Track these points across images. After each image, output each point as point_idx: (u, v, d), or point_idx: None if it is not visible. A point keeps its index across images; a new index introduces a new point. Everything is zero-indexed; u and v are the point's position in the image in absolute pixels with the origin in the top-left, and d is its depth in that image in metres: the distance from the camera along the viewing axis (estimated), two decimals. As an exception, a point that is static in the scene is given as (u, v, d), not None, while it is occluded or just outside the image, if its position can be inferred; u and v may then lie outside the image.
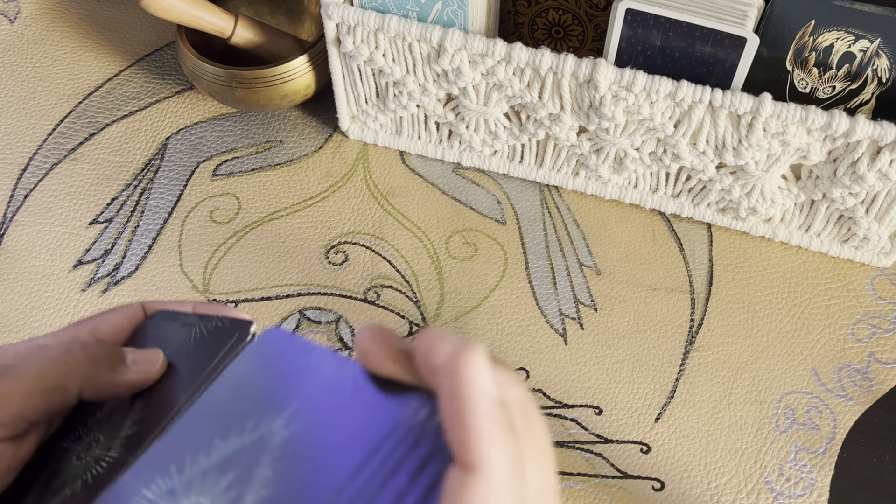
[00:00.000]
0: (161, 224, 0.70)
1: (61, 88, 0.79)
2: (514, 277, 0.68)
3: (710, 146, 0.62)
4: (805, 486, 0.59)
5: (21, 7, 0.85)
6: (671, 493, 0.59)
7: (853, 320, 0.66)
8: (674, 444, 0.61)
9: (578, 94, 0.62)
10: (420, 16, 0.63)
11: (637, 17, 0.58)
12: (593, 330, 0.65)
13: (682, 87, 0.58)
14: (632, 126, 0.63)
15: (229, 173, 0.73)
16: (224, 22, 0.69)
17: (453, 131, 0.70)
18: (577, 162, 0.69)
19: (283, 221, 0.70)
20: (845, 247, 0.68)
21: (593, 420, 0.61)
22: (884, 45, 0.57)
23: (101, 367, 0.31)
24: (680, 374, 0.63)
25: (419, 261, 0.68)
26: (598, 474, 0.59)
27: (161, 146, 0.75)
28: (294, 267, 0.68)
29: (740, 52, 0.57)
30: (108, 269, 0.68)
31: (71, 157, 0.74)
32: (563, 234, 0.70)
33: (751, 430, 0.61)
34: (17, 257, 0.68)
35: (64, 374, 0.30)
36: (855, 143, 0.58)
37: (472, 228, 0.70)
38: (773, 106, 0.57)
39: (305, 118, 0.76)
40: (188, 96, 0.78)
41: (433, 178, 0.73)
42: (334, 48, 0.66)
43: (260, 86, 0.70)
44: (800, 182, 0.64)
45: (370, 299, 0.66)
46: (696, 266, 0.68)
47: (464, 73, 0.63)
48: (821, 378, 0.63)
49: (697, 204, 0.69)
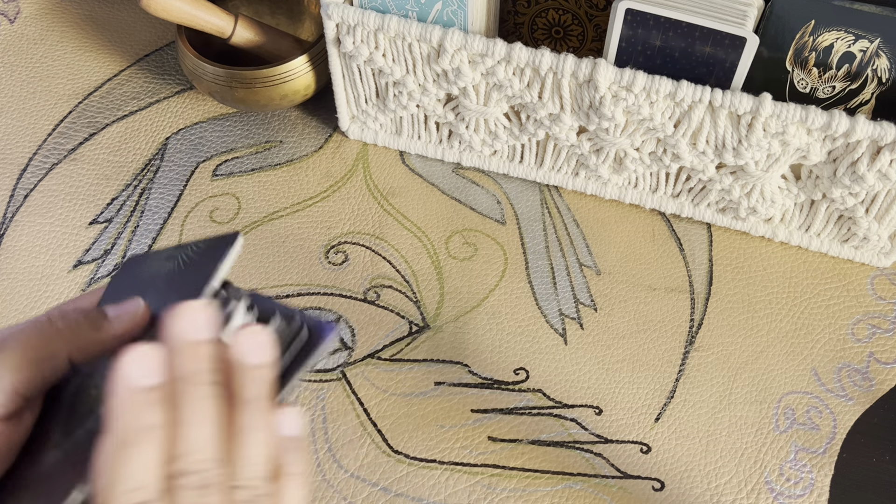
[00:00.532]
0: (161, 224, 0.70)
1: (61, 88, 0.79)
2: (513, 277, 0.68)
3: (710, 146, 0.62)
4: (805, 486, 0.59)
5: (21, 7, 0.85)
6: (671, 493, 0.59)
7: (853, 320, 0.66)
8: (674, 444, 0.61)
9: (578, 94, 0.62)
10: (420, 16, 0.63)
11: (637, 17, 0.58)
12: (593, 330, 0.65)
13: (681, 87, 0.58)
14: (632, 126, 0.63)
15: (229, 173, 0.73)
16: (224, 22, 0.69)
17: (453, 131, 0.70)
18: (577, 162, 0.69)
19: (283, 221, 0.70)
20: (845, 247, 0.68)
21: (593, 420, 0.61)
22: (884, 45, 0.57)
23: (83, 328, 0.32)
24: (680, 374, 0.63)
25: (419, 261, 0.68)
26: (598, 474, 0.59)
27: (161, 146, 0.75)
28: (294, 267, 0.68)
29: (740, 52, 0.57)
30: (108, 269, 0.68)
31: (71, 157, 0.74)
32: (563, 234, 0.70)
33: (751, 430, 0.61)
34: (17, 257, 0.68)
35: (49, 341, 0.31)
36: (855, 143, 0.58)
37: (472, 228, 0.70)
38: (772, 106, 0.57)
39: (305, 118, 0.76)
40: (188, 96, 0.78)
41: (433, 178, 0.73)
42: (334, 48, 0.66)
43: (260, 86, 0.70)
44: (800, 182, 0.64)
45: (370, 299, 0.66)
46: (696, 266, 0.68)
47: (464, 73, 0.63)
48: (821, 378, 0.63)
49: (697, 204, 0.69)
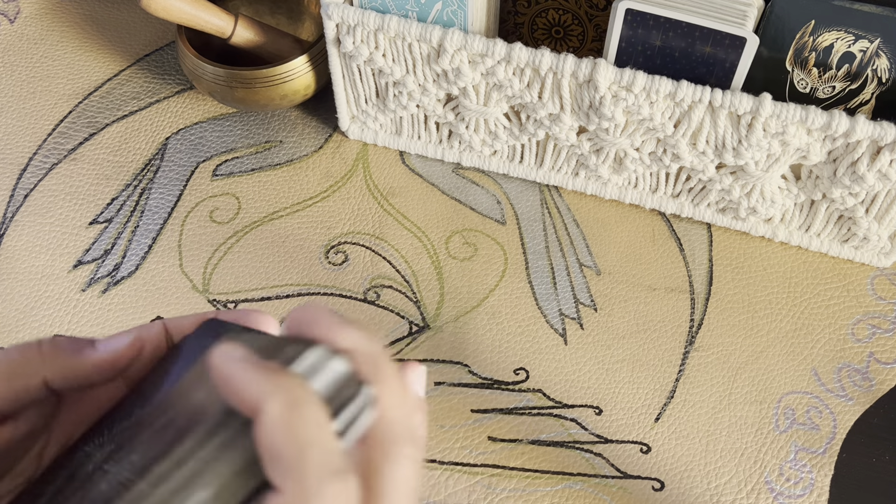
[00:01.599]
0: (161, 224, 0.70)
1: (61, 88, 0.79)
2: (514, 277, 0.68)
3: (710, 146, 0.62)
4: (805, 486, 0.59)
5: (21, 7, 0.85)
6: (671, 493, 0.59)
7: (853, 320, 0.66)
8: (674, 444, 0.61)
9: (578, 94, 0.62)
10: (420, 16, 0.63)
11: (637, 17, 0.58)
12: (593, 330, 0.65)
13: (681, 87, 0.58)
14: (632, 126, 0.63)
15: (229, 173, 0.73)
16: (224, 22, 0.69)
17: (453, 131, 0.70)
18: (577, 162, 0.69)
19: (283, 221, 0.70)
20: (845, 247, 0.68)
21: (593, 420, 0.61)
22: (884, 45, 0.57)
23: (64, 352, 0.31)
24: (680, 374, 0.63)
25: (419, 261, 0.68)
26: (598, 474, 0.59)
27: (161, 146, 0.75)
28: (294, 267, 0.68)
29: (740, 52, 0.57)
30: (108, 269, 0.68)
31: (71, 157, 0.74)
32: (563, 234, 0.70)
33: (751, 430, 0.61)
34: (17, 257, 0.68)
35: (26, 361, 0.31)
36: (855, 143, 0.58)
37: (472, 228, 0.70)
38: (772, 106, 0.57)
39: (305, 118, 0.76)
40: (188, 96, 0.78)
41: (433, 178, 0.73)
42: (334, 48, 0.66)
43: (260, 86, 0.70)
44: (800, 182, 0.64)
45: (370, 299, 0.66)
46: (696, 266, 0.68)
47: (464, 73, 0.63)
48: (821, 378, 0.63)
49: (697, 204, 0.69)
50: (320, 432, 0.24)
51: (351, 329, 0.27)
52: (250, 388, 0.24)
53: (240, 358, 0.25)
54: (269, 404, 0.24)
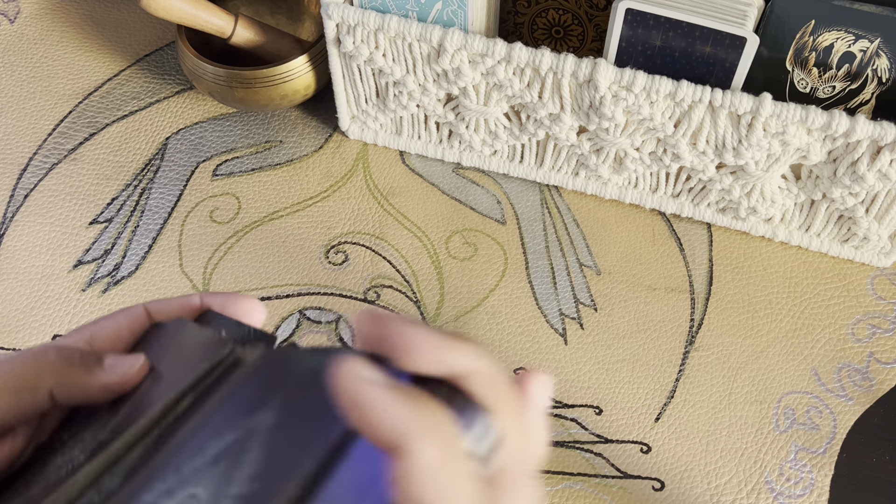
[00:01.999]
0: (161, 224, 0.70)
1: (61, 88, 0.79)
2: (514, 277, 0.68)
3: (710, 146, 0.62)
4: (805, 486, 0.59)
5: (21, 7, 0.85)
6: (671, 493, 0.59)
7: (853, 320, 0.66)
8: (674, 444, 0.61)
9: (578, 94, 0.62)
10: (420, 16, 0.63)
11: (637, 17, 0.58)
12: (593, 330, 0.65)
13: (682, 87, 0.58)
14: (632, 126, 0.63)
15: (229, 173, 0.73)
16: (224, 22, 0.69)
17: (453, 131, 0.70)
18: (577, 162, 0.69)
19: (283, 221, 0.70)
20: (845, 247, 0.68)
21: (593, 420, 0.61)
22: (884, 45, 0.57)
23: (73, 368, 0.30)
24: (680, 374, 0.63)
25: (419, 261, 0.68)
26: (598, 474, 0.59)
27: (161, 146, 0.75)
28: (294, 267, 0.68)
29: (740, 52, 0.57)
30: (108, 269, 0.68)
31: (71, 157, 0.74)
32: (563, 234, 0.70)
33: (751, 430, 0.61)
34: (17, 257, 0.68)
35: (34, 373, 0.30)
36: (855, 143, 0.58)
37: (472, 228, 0.70)
38: (773, 106, 0.57)
39: (305, 118, 0.76)
40: (188, 96, 0.78)
41: (433, 178, 0.73)
42: (334, 48, 0.66)
43: (260, 86, 0.70)
44: (800, 182, 0.64)
45: (370, 299, 0.66)
46: (696, 266, 0.68)
47: (464, 73, 0.63)
48: (821, 378, 0.63)
49: (697, 204, 0.69)
50: (470, 486, 0.21)
51: (462, 346, 0.23)
52: (395, 422, 0.21)
53: (375, 382, 0.22)
54: (424, 448, 0.21)
